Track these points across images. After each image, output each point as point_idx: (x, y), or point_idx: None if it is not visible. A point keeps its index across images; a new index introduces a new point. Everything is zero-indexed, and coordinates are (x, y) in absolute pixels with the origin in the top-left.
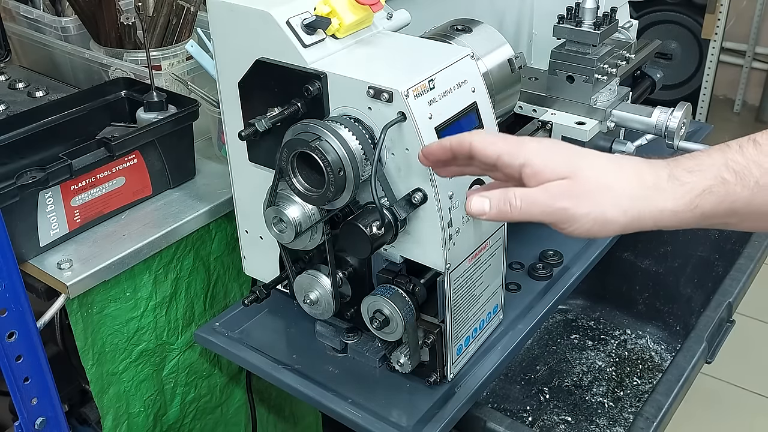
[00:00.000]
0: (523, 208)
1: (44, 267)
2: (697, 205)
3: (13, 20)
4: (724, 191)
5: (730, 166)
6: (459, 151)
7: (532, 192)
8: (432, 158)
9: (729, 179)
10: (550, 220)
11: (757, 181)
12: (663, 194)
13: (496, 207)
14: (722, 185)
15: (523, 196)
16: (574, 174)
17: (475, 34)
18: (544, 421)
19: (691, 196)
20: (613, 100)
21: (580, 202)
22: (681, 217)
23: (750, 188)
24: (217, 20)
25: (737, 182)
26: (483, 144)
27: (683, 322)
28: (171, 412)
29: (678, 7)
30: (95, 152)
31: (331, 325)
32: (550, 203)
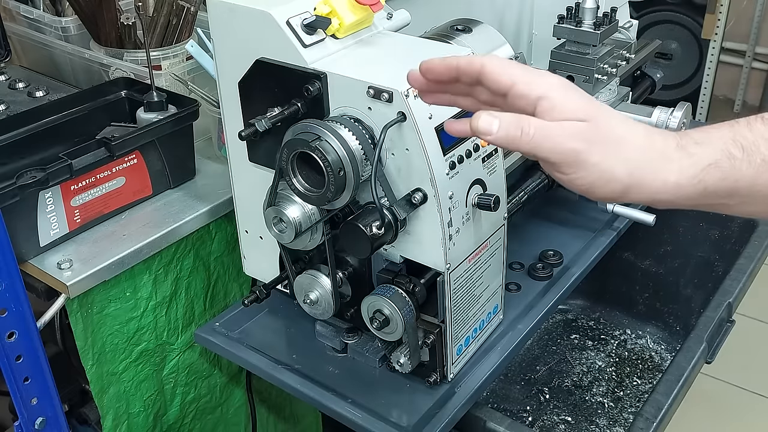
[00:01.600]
0: (535, 138)
1: (44, 267)
2: (701, 179)
3: (13, 20)
4: (730, 166)
5: (738, 141)
6: (467, 72)
7: (549, 125)
8: (431, 75)
9: (736, 154)
10: (558, 158)
11: (764, 158)
12: (669, 164)
13: (505, 130)
14: (728, 160)
15: (538, 127)
16: (593, 118)
17: (475, 34)
18: (544, 421)
19: (696, 170)
20: (613, 100)
21: (592, 148)
22: (682, 192)
23: (756, 166)
24: (217, 20)
25: (744, 158)
26: (498, 68)
27: (683, 322)
28: (171, 412)
29: (678, 7)
30: (95, 152)
31: (331, 325)
32: (563, 140)
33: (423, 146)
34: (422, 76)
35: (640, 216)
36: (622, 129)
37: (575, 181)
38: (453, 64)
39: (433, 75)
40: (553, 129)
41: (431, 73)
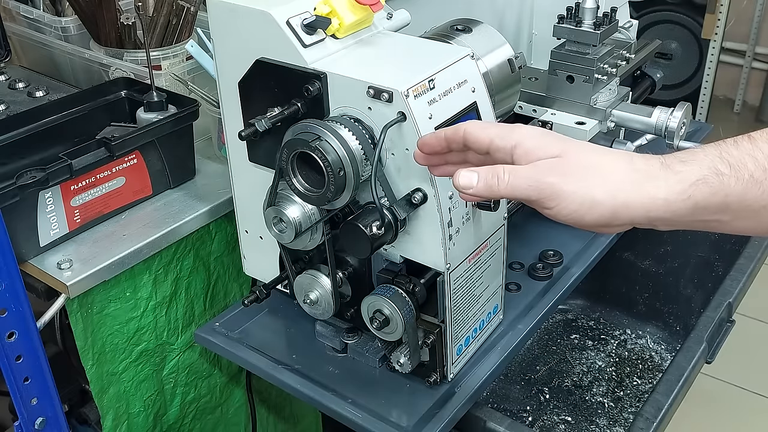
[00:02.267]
0: (510, 181)
1: (44, 267)
2: (690, 195)
3: (13, 20)
4: (718, 182)
5: (725, 158)
6: (453, 140)
7: (521, 167)
8: (427, 149)
9: (723, 171)
10: (536, 195)
11: (751, 174)
12: (655, 181)
13: (484, 180)
14: (716, 176)
15: (512, 170)
16: (564, 153)
17: (475, 34)
18: (544, 421)
19: (684, 185)
20: (613, 100)
21: (567, 179)
22: (673, 208)
23: (744, 182)
24: (217, 20)
25: (732, 174)
26: (475, 129)
27: (683, 322)
28: (171, 412)
29: (678, 7)
30: (95, 152)
31: (331, 325)
32: (537, 177)
33: None
34: (420, 150)
35: None
36: (596, 157)
37: (561, 212)
38: (441, 135)
39: (429, 148)
40: (526, 169)
41: (426, 147)
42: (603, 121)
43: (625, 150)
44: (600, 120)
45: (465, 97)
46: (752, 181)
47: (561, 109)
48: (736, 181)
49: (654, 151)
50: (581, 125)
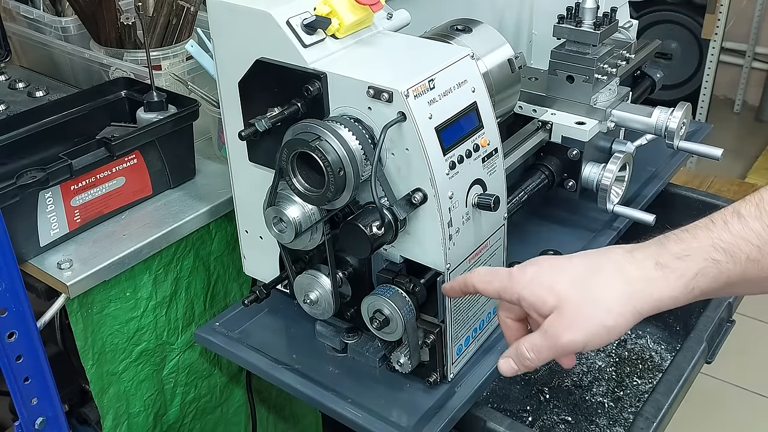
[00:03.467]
0: (538, 357)
1: (44, 267)
2: (693, 287)
3: (13, 20)
4: (717, 270)
5: (718, 246)
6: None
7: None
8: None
9: (719, 259)
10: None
11: (747, 256)
12: (655, 284)
13: (519, 364)
14: (714, 265)
15: (531, 348)
16: (559, 302)
17: (475, 34)
18: (544, 421)
19: (685, 281)
20: (613, 100)
21: (576, 329)
22: (680, 300)
23: (741, 263)
24: (217, 20)
25: (728, 260)
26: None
27: (683, 322)
28: (171, 412)
29: (678, 7)
30: (95, 152)
31: (331, 325)
32: (554, 343)
33: (423, 146)
34: None
35: (640, 216)
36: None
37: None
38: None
39: (455, 294)
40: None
41: (452, 293)
42: (603, 121)
43: (626, 150)
44: (600, 120)
45: (465, 97)
46: (749, 262)
47: (561, 109)
48: (734, 266)
49: (654, 151)
50: (581, 125)
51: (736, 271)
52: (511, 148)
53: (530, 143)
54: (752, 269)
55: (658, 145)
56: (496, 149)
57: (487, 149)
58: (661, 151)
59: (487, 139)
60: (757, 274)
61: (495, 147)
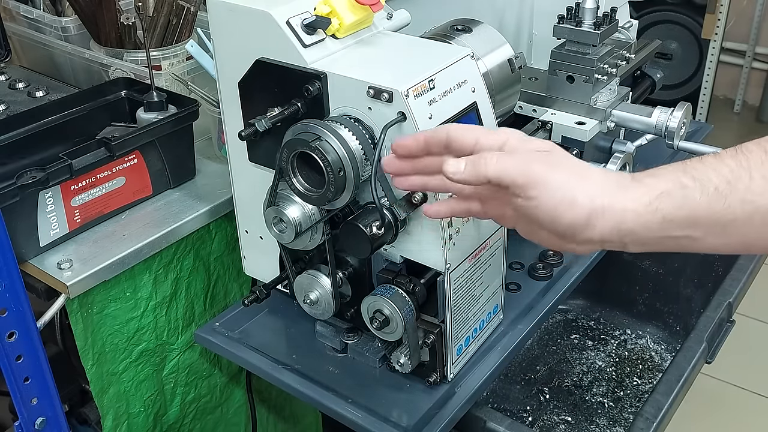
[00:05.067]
0: (499, 163)
1: (44, 267)
2: (656, 208)
3: (13, 20)
4: (683, 195)
5: (689, 172)
6: (434, 141)
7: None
8: (403, 150)
9: (687, 183)
10: (523, 180)
11: (716, 187)
12: (625, 193)
13: (471, 164)
14: (681, 189)
15: (500, 155)
16: (552, 150)
17: (475, 34)
18: (544, 421)
19: (649, 197)
20: (613, 100)
21: (555, 170)
22: (642, 220)
23: (709, 195)
24: (217, 20)
25: (695, 187)
26: (461, 130)
27: (683, 322)
28: (171, 412)
29: (678, 7)
30: (95, 152)
31: (331, 325)
32: (526, 162)
33: None
34: (394, 153)
35: None
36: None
37: (542, 203)
38: (420, 138)
39: (405, 150)
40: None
41: (402, 148)
42: (603, 121)
43: (626, 150)
44: (600, 120)
45: (465, 97)
46: (717, 194)
47: (561, 109)
48: (700, 195)
49: (654, 151)
50: (581, 125)
51: (703, 203)
52: None
53: None
54: (718, 204)
55: (658, 145)
56: None
57: None
58: (661, 151)
59: None
60: (722, 212)
61: None
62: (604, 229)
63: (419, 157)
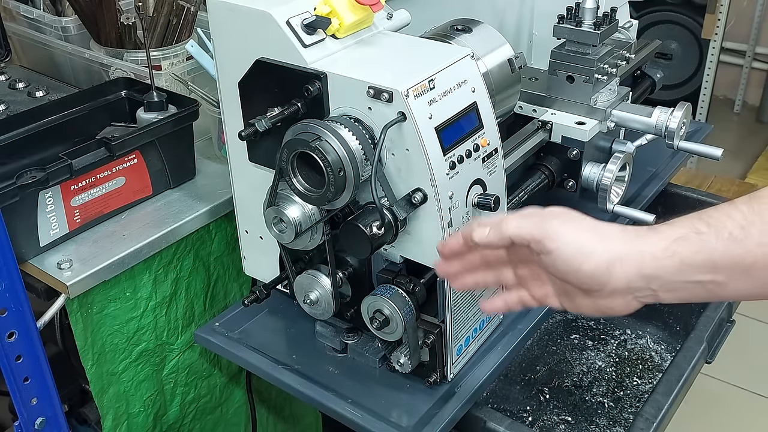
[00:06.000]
0: (518, 223)
1: (44, 267)
2: (674, 251)
3: (13, 20)
4: (699, 240)
5: (703, 219)
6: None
7: (529, 215)
8: (448, 251)
9: (702, 229)
10: (539, 234)
11: (730, 232)
12: (642, 239)
13: (494, 227)
14: (696, 234)
15: (520, 216)
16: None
17: (475, 34)
18: (544, 422)
19: (666, 242)
20: (613, 100)
21: (570, 224)
22: (661, 264)
23: (725, 240)
24: (217, 20)
25: (710, 233)
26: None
27: (683, 322)
28: (171, 412)
29: (678, 7)
30: (95, 152)
31: (331, 325)
32: (542, 219)
33: (423, 146)
34: (441, 255)
35: (641, 216)
36: (595, 221)
37: (560, 256)
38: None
39: (449, 250)
40: (534, 215)
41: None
42: (603, 121)
43: (626, 150)
44: (600, 120)
45: (465, 97)
46: (732, 239)
47: (561, 109)
48: (716, 240)
49: (654, 151)
50: (581, 125)
51: (720, 248)
52: (511, 148)
53: (530, 143)
54: (736, 249)
55: (658, 145)
56: (496, 149)
57: (487, 149)
58: (661, 151)
59: (487, 139)
60: (741, 256)
61: (495, 147)
62: (628, 274)
63: (463, 254)
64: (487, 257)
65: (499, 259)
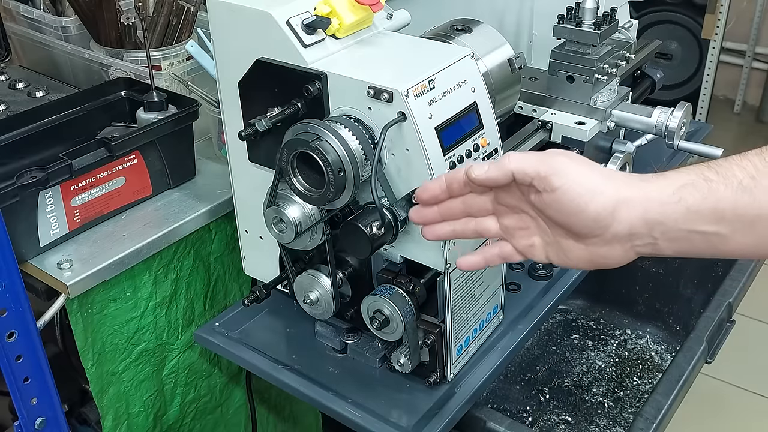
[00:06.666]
0: (521, 157)
1: (44, 267)
2: (681, 197)
3: (13, 20)
4: (707, 188)
5: (713, 167)
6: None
7: (531, 153)
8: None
9: (711, 177)
10: (545, 170)
11: (740, 182)
12: (649, 184)
13: (494, 163)
14: (705, 182)
15: (522, 153)
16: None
17: (475, 34)
18: (544, 421)
19: (673, 187)
20: (613, 100)
21: (575, 162)
22: (667, 210)
23: (733, 188)
24: (217, 20)
25: (719, 180)
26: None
27: (683, 322)
28: (171, 412)
29: (678, 7)
30: (95, 152)
31: (331, 325)
32: (548, 155)
33: (423, 146)
34: (418, 200)
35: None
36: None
37: (566, 193)
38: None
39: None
40: (537, 153)
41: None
42: (603, 121)
43: (626, 150)
44: (600, 120)
45: (465, 97)
46: (741, 188)
47: (561, 109)
48: (725, 188)
49: (654, 151)
50: (581, 125)
51: (728, 196)
52: (511, 148)
53: (530, 143)
54: (744, 198)
55: (658, 145)
56: (497, 149)
57: (487, 149)
58: (661, 151)
59: (487, 139)
60: (747, 206)
61: (495, 147)
62: (631, 219)
63: (442, 201)
64: (470, 205)
65: (482, 207)
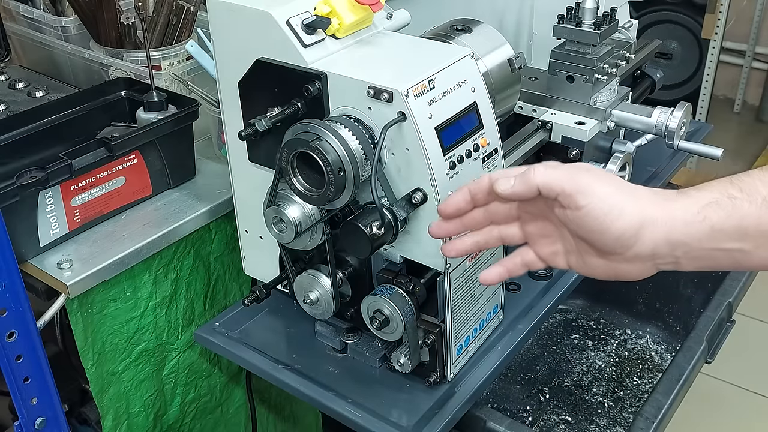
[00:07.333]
0: (547, 172)
1: (44, 267)
2: (705, 216)
3: (13, 20)
4: (731, 205)
5: (736, 184)
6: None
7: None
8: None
9: (735, 194)
10: (571, 188)
11: (764, 198)
12: (673, 203)
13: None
14: (729, 200)
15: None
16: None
17: (475, 34)
18: (544, 421)
19: (698, 206)
20: (613, 100)
21: (602, 181)
22: (691, 230)
23: (758, 205)
24: (217, 20)
25: (744, 198)
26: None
27: (683, 322)
28: (171, 412)
29: (678, 7)
30: (95, 152)
31: (331, 325)
32: (573, 172)
33: (423, 146)
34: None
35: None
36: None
37: (590, 213)
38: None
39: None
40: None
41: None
42: (603, 121)
43: (626, 150)
44: (600, 120)
45: (465, 97)
46: (766, 204)
47: (561, 109)
48: (749, 205)
49: (654, 151)
50: (581, 125)
51: (752, 212)
52: (511, 148)
53: (530, 143)
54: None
55: (658, 145)
56: (496, 149)
57: (487, 149)
58: (661, 151)
59: (487, 139)
60: None
61: (495, 147)
62: (655, 239)
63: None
64: (495, 213)
65: (507, 214)
